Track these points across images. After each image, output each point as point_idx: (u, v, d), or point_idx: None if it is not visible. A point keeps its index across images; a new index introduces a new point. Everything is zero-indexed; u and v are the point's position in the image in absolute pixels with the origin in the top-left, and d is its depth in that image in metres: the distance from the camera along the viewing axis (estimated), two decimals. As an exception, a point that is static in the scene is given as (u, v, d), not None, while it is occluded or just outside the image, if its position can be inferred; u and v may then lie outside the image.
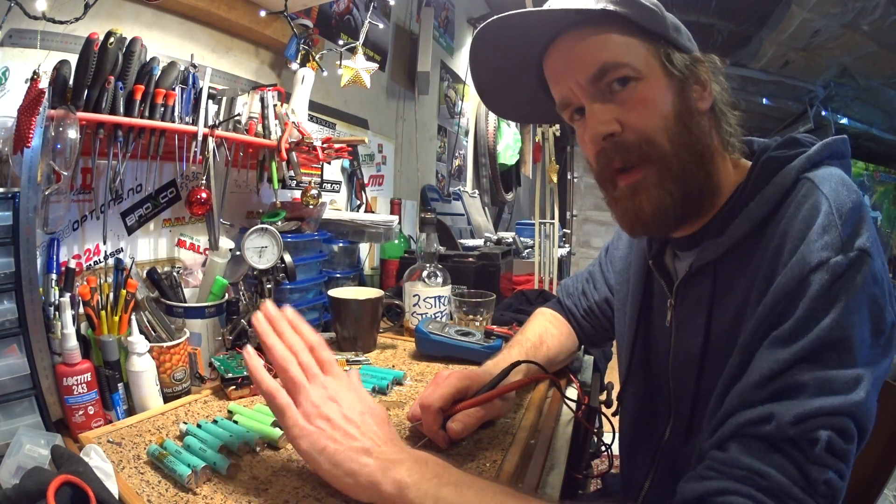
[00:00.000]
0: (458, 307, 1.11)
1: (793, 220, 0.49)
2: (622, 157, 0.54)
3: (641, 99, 0.53)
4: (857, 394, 0.42)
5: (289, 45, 1.18)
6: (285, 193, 1.25)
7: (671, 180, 0.54)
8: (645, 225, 0.56)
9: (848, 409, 0.41)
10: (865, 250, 0.45)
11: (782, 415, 0.41)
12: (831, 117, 3.84)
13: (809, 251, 0.45)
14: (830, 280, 0.44)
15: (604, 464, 0.93)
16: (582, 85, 0.55)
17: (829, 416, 0.41)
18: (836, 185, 0.49)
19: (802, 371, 0.43)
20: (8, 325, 0.61)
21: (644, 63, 0.54)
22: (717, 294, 0.56)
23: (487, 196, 3.04)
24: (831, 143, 0.54)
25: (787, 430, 0.41)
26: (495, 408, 0.66)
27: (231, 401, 0.74)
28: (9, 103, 0.70)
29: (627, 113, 0.54)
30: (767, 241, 0.50)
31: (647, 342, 0.71)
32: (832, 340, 0.43)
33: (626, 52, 0.53)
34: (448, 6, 2.41)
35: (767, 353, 0.45)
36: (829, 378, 0.42)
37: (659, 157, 0.53)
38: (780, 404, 0.42)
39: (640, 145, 0.53)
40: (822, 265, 0.44)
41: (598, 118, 0.54)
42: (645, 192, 0.55)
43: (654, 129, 0.53)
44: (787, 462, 0.41)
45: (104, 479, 0.48)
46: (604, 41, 0.54)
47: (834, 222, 0.46)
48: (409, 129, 2.09)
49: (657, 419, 0.68)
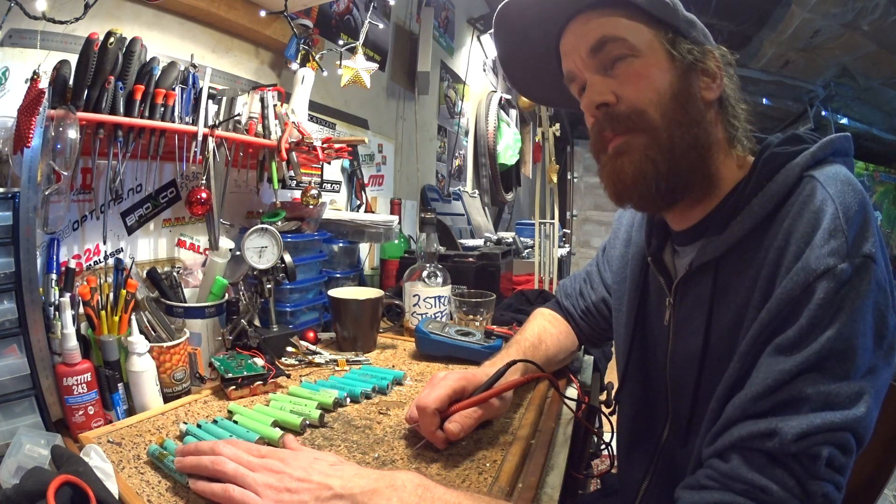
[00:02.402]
0: (458, 307, 1.11)
1: (797, 221, 0.48)
2: (612, 126, 0.56)
3: (637, 73, 0.55)
4: (858, 409, 0.42)
5: (289, 45, 1.18)
6: (285, 193, 1.25)
7: (657, 150, 0.54)
8: (626, 188, 0.56)
9: (849, 424, 0.42)
10: (871, 256, 0.45)
11: (785, 432, 0.41)
12: (831, 117, 3.84)
13: (815, 257, 0.45)
14: (836, 288, 0.44)
15: (604, 464, 0.93)
16: (583, 57, 0.57)
17: (831, 433, 0.41)
18: (841, 185, 0.49)
19: (805, 383, 0.43)
20: (8, 325, 0.61)
21: (645, 43, 0.55)
22: (718, 293, 0.56)
23: (487, 196, 3.04)
24: (834, 140, 0.54)
25: (789, 446, 0.41)
26: (493, 407, 0.66)
27: (231, 401, 0.74)
28: (9, 103, 0.70)
29: (622, 86, 0.55)
30: (770, 241, 0.50)
31: (644, 342, 0.70)
32: (836, 350, 0.43)
33: (627, 30, 0.55)
34: (448, 6, 2.41)
35: (770, 361, 0.45)
36: (831, 392, 0.42)
37: (647, 128, 0.54)
38: (782, 420, 0.42)
39: (630, 115, 0.55)
40: (828, 272, 0.44)
41: (595, 88, 0.57)
42: (627, 155, 0.56)
43: (646, 101, 0.54)
44: (788, 477, 0.41)
45: (104, 479, 0.48)
46: (609, 20, 0.56)
47: (840, 227, 0.45)
48: (409, 129, 2.09)
49: (655, 420, 0.68)
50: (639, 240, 0.72)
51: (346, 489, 0.45)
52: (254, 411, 0.69)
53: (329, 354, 0.94)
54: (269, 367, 0.79)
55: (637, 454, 0.71)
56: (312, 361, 0.91)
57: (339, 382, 0.81)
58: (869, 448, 0.47)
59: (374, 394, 0.78)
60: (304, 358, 0.91)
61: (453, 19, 2.50)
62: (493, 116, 2.96)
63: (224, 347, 0.86)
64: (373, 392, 0.78)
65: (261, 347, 0.85)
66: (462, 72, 2.63)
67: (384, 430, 0.67)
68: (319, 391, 0.75)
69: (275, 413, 0.68)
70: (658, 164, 0.54)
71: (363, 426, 0.68)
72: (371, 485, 0.45)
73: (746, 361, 0.48)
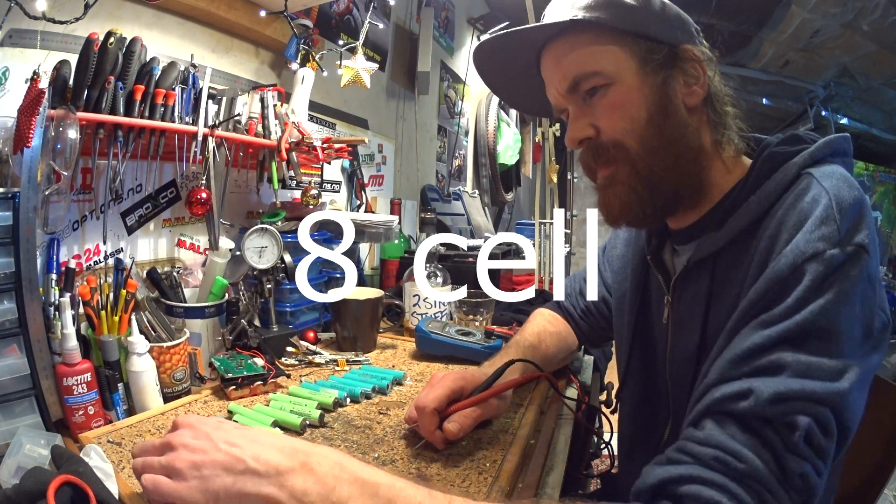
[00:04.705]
0: (458, 307, 1.11)
1: (791, 211, 0.48)
2: (595, 158, 0.58)
3: (611, 104, 0.56)
4: (840, 384, 0.40)
5: (289, 45, 1.18)
6: (285, 193, 1.25)
7: (637, 179, 0.56)
8: (615, 217, 0.59)
9: (830, 398, 0.40)
10: (863, 246, 0.44)
11: (761, 391, 0.40)
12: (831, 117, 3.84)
13: (806, 240, 0.45)
14: (825, 272, 0.43)
15: (604, 464, 0.93)
16: (563, 95, 0.59)
17: (810, 403, 0.39)
18: (837, 181, 0.49)
19: (786, 352, 0.41)
20: (8, 325, 0.61)
21: (616, 66, 0.55)
22: (715, 289, 0.56)
23: (487, 196, 3.04)
24: (833, 141, 0.54)
25: (765, 408, 0.39)
26: (492, 407, 0.66)
27: (231, 401, 0.74)
28: (9, 103, 0.70)
29: (600, 118, 0.57)
30: (763, 231, 0.50)
31: (645, 341, 0.70)
32: (819, 328, 0.42)
33: (596, 59, 0.56)
34: (448, 6, 2.41)
35: (751, 331, 0.44)
36: (812, 363, 0.41)
37: (627, 159, 0.56)
38: (759, 380, 0.41)
39: (610, 148, 0.57)
40: (818, 256, 0.44)
41: (574, 125, 0.58)
42: (612, 188, 0.58)
43: (623, 132, 0.56)
44: (762, 446, 0.39)
45: (104, 479, 0.48)
46: (577, 52, 0.56)
47: (832, 216, 0.45)
48: (409, 129, 2.09)
49: (656, 419, 0.68)
50: (639, 239, 0.72)
51: (260, 463, 0.40)
52: (254, 411, 0.69)
53: (329, 354, 0.94)
54: (269, 367, 0.79)
55: (638, 454, 0.71)
56: (312, 361, 0.91)
57: (339, 382, 0.81)
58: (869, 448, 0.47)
59: (374, 394, 0.78)
60: (304, 358, 0.91)
61: (453, 19, 2.50)
62: (493, 116, 2.96)
63: (224, 347, 0.86)
64: (373, 392, 0.78)
65: (261, 347, 0.85)
66: (462, 72, 2.63)
67: (384, 430, 0.67)
68: (319, 391, 0.75)
69: (275, 413, 0.68)
70: (640, 193, 0.57)
71: (363, 426, 0.68)
72: (285, 462, 0.40)
73: (731, 338, 0.47)
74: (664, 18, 0.56)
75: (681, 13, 0.58)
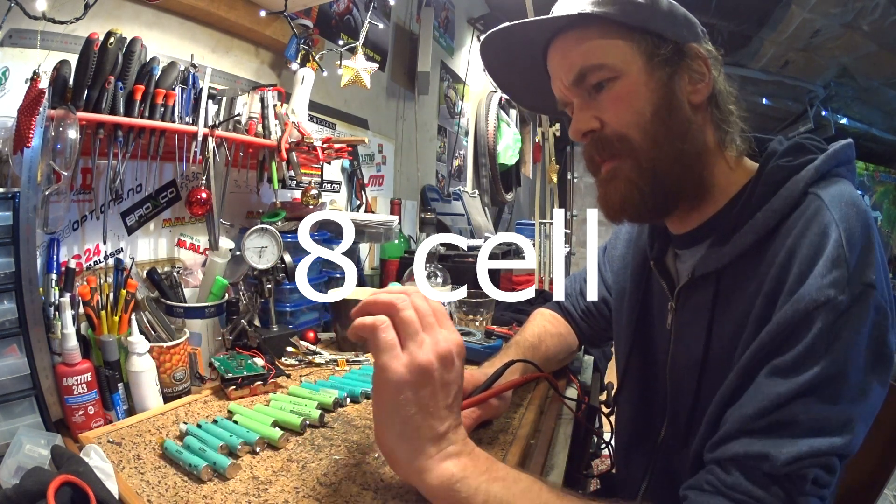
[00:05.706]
0: (459, 307, 1.11)
1: (801, 241, 0.49)
2: (599, 151, 0.58)
3: (617, 97, 0.56)
4: (845, 436, 0.45)
5: (289, 45, 1.18)
6: (285, 193, 1.25)
7: (639, 175, 0.56)
8: (615, 212, 0.59)
9: (835, 450, 0.45)
10: (871, 284, 0.46)
11: (777, 458, 0.44)
12: (831, 117, 3.83)
13: (817, 287, 0.46)
14: (833, 320, 0.45)
15: (604, 464, 0.93)
16: (568, 87, 0.59)
17: (820, 457, 0.44)
18: (846, 207, 0.49)
19: (799, 407, 0.45)
20: (8, 325, 0.61)
21: (623, 60, 0.55)
22: (720, 302, 0.57)
23: (487, 196, 3.04)
24: (838, 152, 0.54)
25: (781, 469, 0.44)
26: (492, 407, 0.66)
27: (231, 401, 0.74)
28: (9, 103, 0.70)
29: (605, 111, 0.57)
30: (772, 256, 0.51)
31: (645, 343, 0.70)
32: (828, 378, 0.45)
33: (603, 52, 0.56)
34: (448, 6, 2.41)
35: (767, 382, 0.47)
36: (822, 418, 0.45)
37: (631, 152, 0.56)
38: (775, 445, 0.45)
39: (614, 141, 0.56)
40: (828, 304, 0.45)
41: (579, 117, 0.58)
42: (614, 183, 0.58)
43: (628, 125, 0.56)
44: (779, 491, 0.45)
45: (104, 479, 0.48)
46: (585, 45, 0.56)
47: (843, 255, 0.46)
48: (409, 129, 2.09)
49: (653, 420, 0.68)
50: (640, 241, 0.72)
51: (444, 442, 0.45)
52: (254, 411, 0.69)
53: (329, 354, 0.94)
54: (269, 367, 0.79)
55: (636, 455, 0.71)
56: (312, 361, 0.91)
57: (339, 382, 0.81)
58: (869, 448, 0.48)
59: (374, 394, 0.78)
60: (304, 358, 0.91)
61: (453, 19, 2.50)
62: (493, 116, 2.96)
63: (224, 347, 0.86)
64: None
65: (261, 347, 0.85)
66: (462, 72, 2.63)
67: (384, 430, 0.67)
68: (319, 391, 0.75)
69: (275, 413, 0.68)
70: (642, 189, 0.56)
71: (363, 426, 0.68)
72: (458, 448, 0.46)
73: (744, 379, 0.49)
74: (671, 17, 0.57)
75: (688, 14, 0.59)
